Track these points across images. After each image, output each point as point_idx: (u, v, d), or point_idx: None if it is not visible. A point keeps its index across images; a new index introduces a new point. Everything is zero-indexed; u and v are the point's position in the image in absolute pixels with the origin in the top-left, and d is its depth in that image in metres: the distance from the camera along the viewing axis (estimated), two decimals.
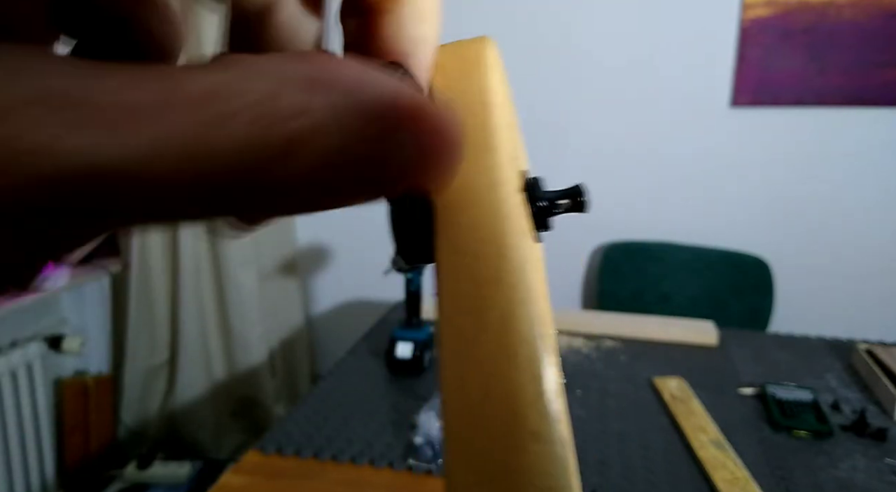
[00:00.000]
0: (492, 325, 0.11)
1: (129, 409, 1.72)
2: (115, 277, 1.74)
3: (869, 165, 1.44)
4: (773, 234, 1.52)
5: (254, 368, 1.75)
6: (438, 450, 0.78)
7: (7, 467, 1.41)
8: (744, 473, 0.72)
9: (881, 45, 1.36)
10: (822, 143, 1.46)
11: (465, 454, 0.10)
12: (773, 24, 1.40)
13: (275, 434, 0.83)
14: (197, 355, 1.72)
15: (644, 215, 1.58)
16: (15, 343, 1.46)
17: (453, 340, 0.11)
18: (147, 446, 1.74)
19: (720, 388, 0.96)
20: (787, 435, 0.83)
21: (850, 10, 1.36)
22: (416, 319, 1.06)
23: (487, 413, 0.10)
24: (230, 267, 1.68)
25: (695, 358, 1.07)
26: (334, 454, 0.78)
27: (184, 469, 1.62)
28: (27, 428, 1.45)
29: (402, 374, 1.01)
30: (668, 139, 1.53)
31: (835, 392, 0.95)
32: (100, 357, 1.77)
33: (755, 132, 1.49)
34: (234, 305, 1.70)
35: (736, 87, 1.46)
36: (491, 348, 0.11)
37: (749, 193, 1.52)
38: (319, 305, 1.94)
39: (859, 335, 1.19)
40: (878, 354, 0.99)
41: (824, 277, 1.52)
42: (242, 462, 0.78)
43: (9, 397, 1.41)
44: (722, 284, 1.49)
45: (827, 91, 1.41)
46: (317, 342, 1.97)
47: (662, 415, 0.88)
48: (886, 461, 0.77)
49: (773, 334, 1.21)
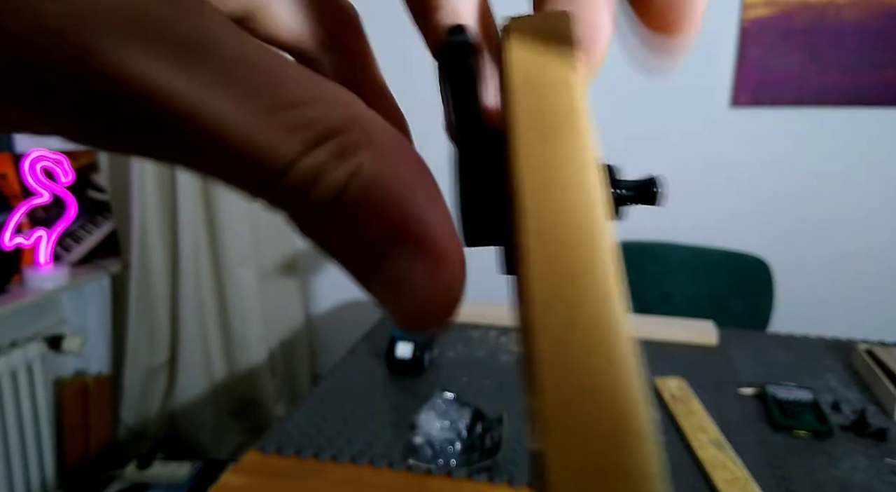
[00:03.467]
0: (588, 318, 0.11)
1: (129, 409, 1.72)
2: (115, 277, 1.74)
3: (869, 165, 1.44)
4: (773, 234, 1.52)
5: (254, 368, 1.75)
6: (438, 450, 0.78)
7: (7, 467, 1.41)
8: (744, 473, 0.72)
9: (881, 45, 1.36)
10: (822, 143, 1.46)
11: (568, 453, 0.10)
12: (773, 24, 1.40)
13: (275, 434, 0.83)
14: (197, 355, 1.72)
15: (644, 215, 1.58)
16: (15, 343, 1.46)
17: (544, 332, 0.11)
18: (147, 446, 1.74)
19: (720, 388, 0.96)
20: (787, 435, 0.83)
21: (850, 10, 1.36)
22: None
23: (591, 411, 0.10)
24: (230, 267, 1.68)
25: (695, 358, 1.07)
26: (334, 454, 0.78)
27: (184, 469, 1.62)
28: (27, 428, 1.45)
29: (402, 374, 1.01)
30: (668, 139, 1.53)
31: (835, 392, 0.95)
32: (100, 357, 1.77)
33: (755, 132, 1.49)
34: (234, 305, 1.70)
35: (736, 87, 1.46)
36: (590, 344, 0.11)
37: (749, 193, 1.52)
38: (319, 305, 1.94)
39: (859, 335, 1.19)
40: (878, 355, 0.99)
41: (824, 277, 1.52)
42: (242, 462, 0.78)
43: (9, 397, 1.41)
44: (722, 284, 1.49)
45: (827, 91, 1.41)
46: (317, 342, 1.97)
47: (662, 415, 0.88)
48: (886, 461, 0.77)
49: (773, 334, 1.21)
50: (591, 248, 0.11)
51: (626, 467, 0.10)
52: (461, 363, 1.06)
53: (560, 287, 0.11)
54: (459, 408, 0.83)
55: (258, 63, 0.10)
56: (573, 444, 0.10)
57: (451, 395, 0.85)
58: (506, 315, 1.22)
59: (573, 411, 0.10)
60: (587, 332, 0.11)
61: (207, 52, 0.10)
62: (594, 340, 0.11)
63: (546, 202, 0.12)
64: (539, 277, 0.11)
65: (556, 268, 0.11)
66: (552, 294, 0.11)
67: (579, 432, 0.10)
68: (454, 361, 1.06)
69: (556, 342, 0.11)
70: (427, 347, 1.03)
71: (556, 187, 0.12)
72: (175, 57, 0.09)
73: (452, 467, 0.76)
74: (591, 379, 0.10)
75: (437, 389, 0.88)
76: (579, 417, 0.10)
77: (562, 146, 0.13)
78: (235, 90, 0.10)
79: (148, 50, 0.09)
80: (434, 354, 1.08)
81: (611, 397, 0.10)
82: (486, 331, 1.19)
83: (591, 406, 0.10)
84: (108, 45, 0.09)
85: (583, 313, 0.11)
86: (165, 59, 0.09)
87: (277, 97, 0.10)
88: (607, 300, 0.11)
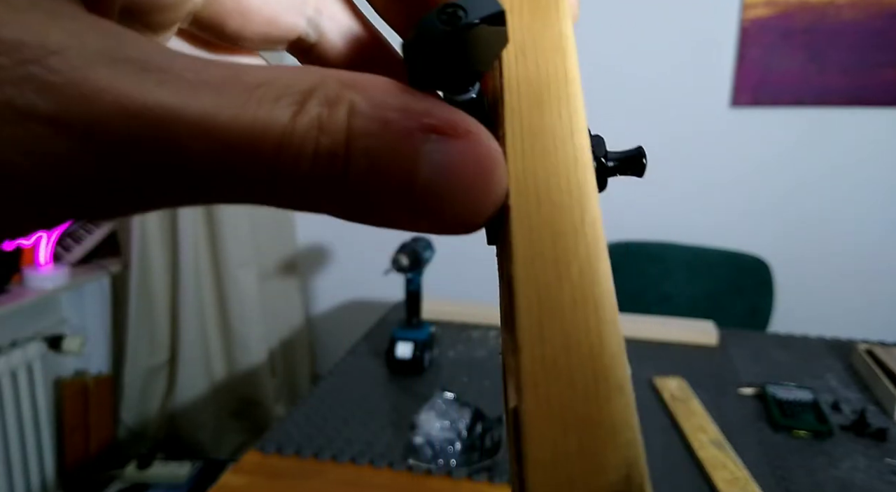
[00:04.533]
0: (573, 276, 0.11)
1: (129, 409, 1.72)
2: (115, 277, 1.74)
3: (869, 165, 1.44)
4: (773, 234, 1.52)
5: (254, 368, 1.75)
6: (438, 450, 0.78)
7: (7, 467, 1.41)
8: (744, 473, 0.72)
9: (881, 45, 1.36)
10: (822, 143, 1.46)
11: (547, 406, 0.10)
12: (773, 24, 1.40)
13: (275, 434, 0.83)
14: (197, 355, 1.72)
15: (644, 215, 1.58)
16: (15, 343, 1.46)
17: (530, 288, 0.11)
18: (147, 446, 1.74)
19: (720, 388, 0.96)
20: (787, 435, 0.83)
21: (850, 10, 1.36)
22: (416, 319, 1.06)
23: (572, 363, 0.10)
24: (230, 267, 1.68)
25: (695, 358, 1.07)
26: (334, 454, 0.78)
27: (184, 469, 1.61)
28: (27, 428, 1.45)
29: (402, 374, 1.01)
30: (668, 139, 1.53)
31: (835, 392, 0.95)
32: (100, 357, 1.77)
33: (755, 132, 1.49)
34: (234, 305, 1.70)
35: (736, 87, 1.46)
36: (575, 298, 0.11)
37: (749, 193, 1.52)
38: (319, 305, 1.94)
39: (859, 335, 1.19)
40: (878, 355, 0.99)
41: (824, 277, 1.52)
42: (242, 462, 0.78)
43: (9, 397, 1.41)
44: (722, 284, 1.49)
45: (827, 91, 1.41)
46: (317, 342, 1.97)
47: (662, 415, 0.88)
48: (886, 461, 0.77)
49: (773, 334, 1.21)
50: (579, 210, 0.12)
51: (603, 419, 0.10)
52: (461, 363, 1.06)
53: (545, 246, 0.11)
54: (459, 408, 0.83)
55: (210, 65, 0.11)
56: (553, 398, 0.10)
57: (451, 395, 0.85)
58: None
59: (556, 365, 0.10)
60: (577, 289, 0.11)
61: (163, 68, 0.10)
62: (584, 297, 0.11)
63: (530, 169, 0.12)
64: (523, 235, 0.11)
65: (542, 227, 0.11)
66: (537, 253, 0.11)
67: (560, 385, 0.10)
68: (454, 361, 1.06)
69: (539, 299, 0.11)
70: (427, 347, 1.03)
71: (546, 153, 0.12)
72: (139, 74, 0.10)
73: (452, 467, 0.76)
74: (579, 334, 0.10)
75: (437, 389, 0.88)
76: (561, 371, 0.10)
77: (552, 112, 0.13)
78: (206, 87, 0.10)
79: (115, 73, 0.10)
80: (434, 354, 1.08)
81: (595, 351, 0.10)
82: (486, 331, 1.20)
83: (574, 360, 0.10)
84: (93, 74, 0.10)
85: (571, 272, 0.11)
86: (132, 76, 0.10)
87: (244, 82, 0.11)
88: (596, 260, 0.11)
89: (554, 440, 0.10)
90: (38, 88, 0.09)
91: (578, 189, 0.12)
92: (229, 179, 0.11)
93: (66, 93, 0.10)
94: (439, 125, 0.11)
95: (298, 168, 0.10)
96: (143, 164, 0.10)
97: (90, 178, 0.10)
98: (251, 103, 0.10)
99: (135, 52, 0.10)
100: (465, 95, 0.13)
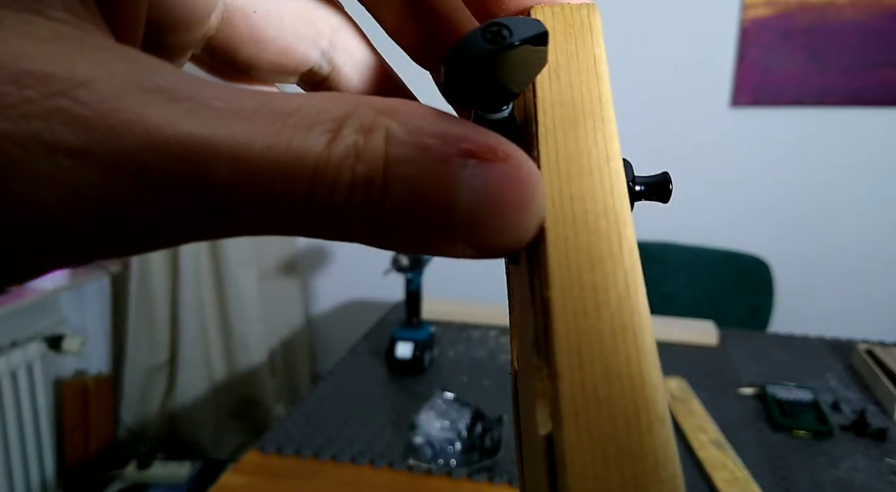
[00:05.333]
0: (611, 304, 0.11)
1: (129, 409, 1.72)
2: (115, 277, 1.74)
3: (869, 165, 1.44)
4: (773, 234, 1.52)
5: (254, 368, 1.75)
6: (438, 450, 0.78)
7: (7, 467, 1.41)
8: (744, 473, 0.72)
9: (881, 45, 1.36)
10: (822, 143, 1.46)
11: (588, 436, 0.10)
12: (773, 24, 1.40)
13: (275, 434, 0.83)
14: (197, 355, 1.72)
15: (644, 215, 1.58)
16: (15, 343, 1.46)
17: (568, 313, 0.11)
18: (147, 446, 1.74)
19: (720, 388, 0.96)
20: (787, 435, 0.83)
21: (850, 10, 1.36)
22: (416, 319, 1.06)
23: (612, 394, 0.10)
24: (230, 267, 1.68)
25: (695, 358, 1.07)
26: (334, 454, 0.78)
27: (184, 469, 1.61)
28: (27, 428, 1.45)
29: (402, 374, 1.01)
30: (668, 139, 1.53)
31: (835, 392, 0.95)
32: (100, 357, 1.77)
33: (755, 132, 1.49)
34: (234, 305, 1.70)
35: (736, 87, 1.46)
36: (614, 327, 0.11)
37: (749, 193, 1.52)
38: (319, 305, 1.94)
39: (859, 335, 1.19)
40: (878, 355, 0.99)
41: (824, 277, 1.52)
42: (242, 462, 0.78)
43: (9, 397, 1.41)
44: (722, 284, 1.49)
45: (827, 91, 1.41)
46: (317, 342, 1.97)
47: None
48: (886, 461, 0.77)
49: (773, 334, 1.21)
50: (616, 236, 0.11)
51: (646, 453, 0.10)
52: (461, 363, 1.06)
53: (583, 272, 0.11)
54: (459, 408, 0.83)
55: (240, 93, 0.11)
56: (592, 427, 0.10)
57: (451, 395, 0.85)
58: (505, 315, 1.22)
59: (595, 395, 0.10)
60: (616, 316, 0.11)
61: (192, 97, 0.10)
62: (622, 325, 0.11)
63: (566, 192, 0.12)
64: (560, 260, 0.11)
65: (580, 252, 0.11)
66: (575, 278, 0.11)
67: (600, 415, 0.10)
68: (454, 361, 1.06)
69: (578, 326, 0.11)
70: (427, 347, 1.03)
71: (581, 176, 0.12)
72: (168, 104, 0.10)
73: (452, 467, 0.76)
74: (619, 363, 0.10)
75: (437, 389, 0.88)
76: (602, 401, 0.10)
77: (588, 135, 0.13)
78: (237, 116, 0.10)
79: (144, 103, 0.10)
80: (434, 354, 1.08)
81: (633, 382, 0.10)
82: (486, 331, 1.20)
83: (614, 391, 0.10)
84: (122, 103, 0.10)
85: (609, 299, 0.11)
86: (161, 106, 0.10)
87: (275, 110, 0.10)
88: (635, 289, 0.11)
89: (595, 472, 0.09)
90: (67, 121, 0.09)
91: (615, 215, 0.12)
92: (263, 210, 0.10)
93: (96, 125, 0.09)
94: (477, 150, 0.11)
95: (334, 197, 0.10)
96: (174, 196, 0.10)
97: (119, 212, 0.10)
98: (284, 132, 0.10)
99: (163, 81, 0.10)
100: (498, 114, 0.13)
